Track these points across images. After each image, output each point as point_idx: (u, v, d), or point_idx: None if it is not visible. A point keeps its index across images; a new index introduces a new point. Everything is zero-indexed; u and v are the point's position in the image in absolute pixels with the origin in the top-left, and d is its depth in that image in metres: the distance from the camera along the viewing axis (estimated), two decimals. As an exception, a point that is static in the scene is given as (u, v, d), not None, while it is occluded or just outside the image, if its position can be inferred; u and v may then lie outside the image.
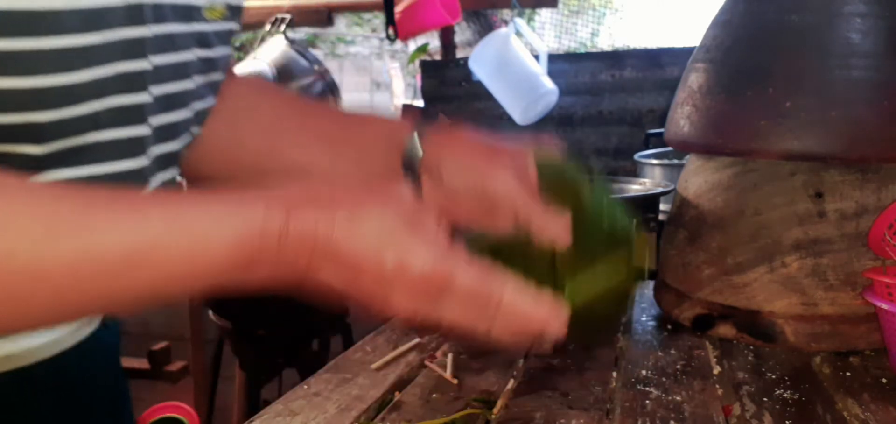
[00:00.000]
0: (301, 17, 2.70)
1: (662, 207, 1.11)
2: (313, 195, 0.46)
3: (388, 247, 0.45)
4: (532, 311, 0.47)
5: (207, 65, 0.60)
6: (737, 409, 0.72)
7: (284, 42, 2.45)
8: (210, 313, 2.33)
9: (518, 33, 2.13)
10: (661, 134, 1.12)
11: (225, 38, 0.62)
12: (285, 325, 2.24)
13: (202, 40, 0.58)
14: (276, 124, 0.68)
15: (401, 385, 0.79)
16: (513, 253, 0.49)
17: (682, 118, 0.98)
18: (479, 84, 2.39)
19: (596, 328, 0.53)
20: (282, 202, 0.44)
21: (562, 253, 0.49)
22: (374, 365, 0.85)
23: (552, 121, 3.12)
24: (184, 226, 0.42)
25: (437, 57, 3.46)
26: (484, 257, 0.47)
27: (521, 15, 2.36)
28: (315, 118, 0.69)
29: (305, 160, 0.66)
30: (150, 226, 0.41)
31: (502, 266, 0.47)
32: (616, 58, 3.14)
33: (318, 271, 0.45)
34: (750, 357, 0.87)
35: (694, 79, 0.98)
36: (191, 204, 0.43)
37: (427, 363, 0.85)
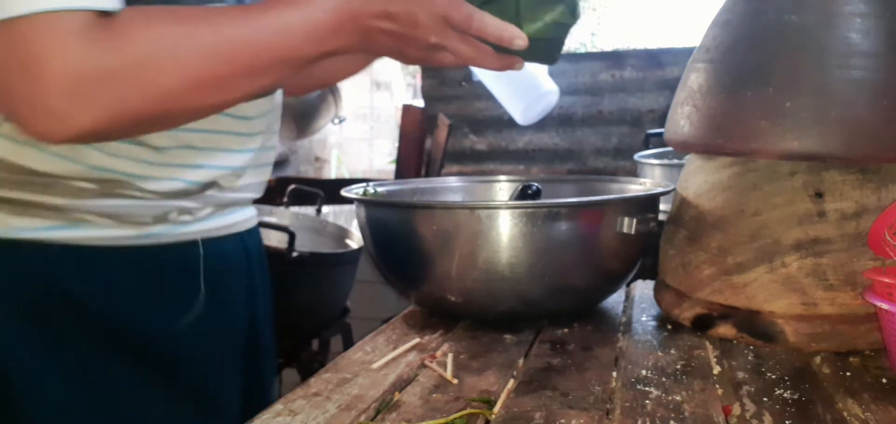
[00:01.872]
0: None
1: (662, 207, 1.11)
2: None
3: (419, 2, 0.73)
4: (500, 29, 0.76)
5: None
6: (737, 409, 0.72)
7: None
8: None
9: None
10: (661, 134, 1.12)
11: None
12: (285, 325, 2.23)
13: None
14: None
15: (401, 384, 0.79)
16: (490, 2, 0.77)
17: (682, 118, 0.98)
18: (480, 84, 2.39)
19: (547, 50, 0.81)
20: None
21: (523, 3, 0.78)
22: (374, 365, 0.85)
23: (552, 121, 3.12)
24: (305, 10, 0.70)
25: (437, 57, 3.44)
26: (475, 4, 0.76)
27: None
28: None
29: None
30: (292, 13, 0.70)
31: (488, 9, 0.76)
32: (616, 58, 3.15)
33: (381, 30, 0.73)
34: (750, 357, 0.87)
35: (694, 79, 0.98)
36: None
37: (427, 363, 0.85)
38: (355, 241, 2.39)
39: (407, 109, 3.13)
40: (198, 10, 0.70)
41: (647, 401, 0.73)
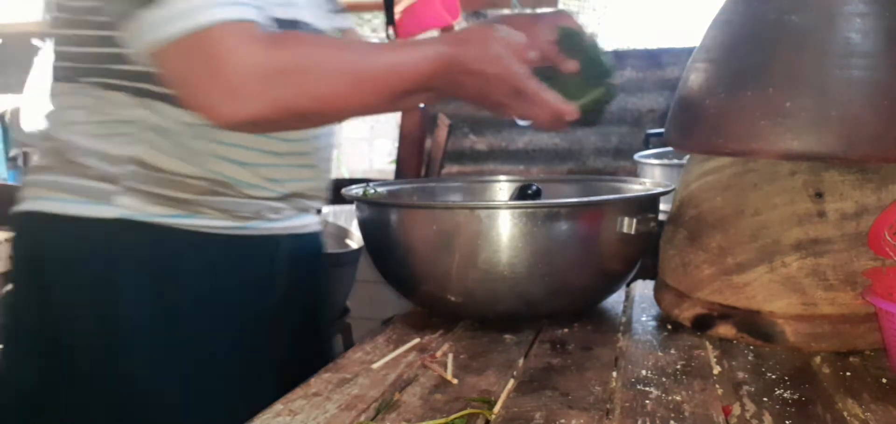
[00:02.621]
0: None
1: (662, 207, 1.11)
2: (461, 37, 0.91)
3: (500, 64, 0.89)
4: (558, 103, 0.93)
5: None
6: (737, 409, 0.72)
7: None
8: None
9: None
10: (661, 134, 1.12)
11: None
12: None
13: None
14: None
15: (401, 385, 0.79)
16: (550, 78, 0.95)
17: (681, 118, 0.98)
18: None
19: (591, 119, 1.00)
20: (449, 42, 0.90)
21: (573, 80, 0.99)
22: (374, 365, 0.85)
23: (552, 121, 3.11)
24: (415, 53, 0.89)
25: (437, 57, 3.42)
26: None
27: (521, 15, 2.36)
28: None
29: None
30: (405, 53, 0.89)
31: (547, 84, 0.93)
32: (616, 58, 3.14)
33: (465, 82, 0.90)
34: (750, 357, 0.87)
35: (694, 79, 0.98)
36: (417, 44, 0.92)
37: (427, 363, 0.85)
38: (355, 241, 2.39)
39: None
40: (340, 40, 0.98)
41: (647, 401, 0.73)
